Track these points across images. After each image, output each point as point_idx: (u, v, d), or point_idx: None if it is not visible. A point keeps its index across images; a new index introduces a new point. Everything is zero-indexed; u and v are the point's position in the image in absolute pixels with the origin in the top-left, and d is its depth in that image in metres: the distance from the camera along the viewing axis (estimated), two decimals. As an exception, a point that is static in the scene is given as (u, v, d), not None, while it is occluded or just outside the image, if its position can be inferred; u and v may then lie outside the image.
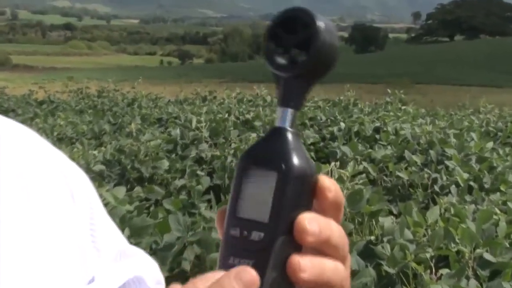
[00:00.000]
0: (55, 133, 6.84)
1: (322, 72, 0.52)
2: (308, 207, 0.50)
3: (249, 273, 0.47)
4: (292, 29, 0.52)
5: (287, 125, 0.51)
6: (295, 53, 0.52)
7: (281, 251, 0.49)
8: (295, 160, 0.50)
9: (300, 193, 0.50)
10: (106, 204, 3.25)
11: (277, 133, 0.51)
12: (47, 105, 10.52)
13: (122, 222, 3.10)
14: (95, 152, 5.23)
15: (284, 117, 0.52)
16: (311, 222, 0.48)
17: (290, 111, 0.52)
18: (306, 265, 0.48)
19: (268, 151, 0.51)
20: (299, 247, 0.49)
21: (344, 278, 0.51)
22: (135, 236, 3.04)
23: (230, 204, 0.51)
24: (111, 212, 3.11)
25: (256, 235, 0.49)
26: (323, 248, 0.49)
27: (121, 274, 0.74)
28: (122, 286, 0.73)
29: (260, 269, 0.48)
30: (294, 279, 0.48)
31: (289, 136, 0.51)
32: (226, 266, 0.49)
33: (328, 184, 0.50)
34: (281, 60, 0.52)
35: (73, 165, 0.74)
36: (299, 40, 0.51)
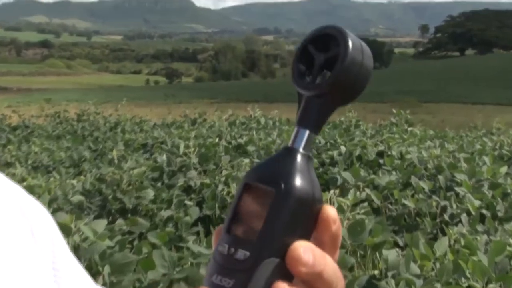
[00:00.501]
0: (30, 161, 6.85)
1: (347, 95, 0.53)
2: (305, 235, 0.50)
3: None
4: (323, 47, 0.53)
5: (300, 147, 0.52)
6: (320, 71, 0.53)
7: (266, 275, 0.49)
8: (297, 182, 0.50)
9: (298, 217, 0.50)
10: (84, 239, 3.26)
11: (286, 153, 0.52)
12: (21, 131, 10.52)
13: (102, 259, 3.10)
14: (74, 181, 5.24)
15: (298, 138, 0.53)
16: (306, 251, 0.48)
17: (306, 132, 0.53)
18: None
19: (271, 169, 0.51)
20: (289, 276, 0.50)
21: None
22: (116, 273, 3.04)
23: (226, 220, 0.52)
24: (90, 247, 3.12)
25: (241, 254, 0.49)
26: (314, 283, 0.49)
27: None
28: None
29: None
30: None
31: (298, 157, 0.52)
32: (208, 283, 0.50)
33: (334, 216, 0.51)
34: (305, 78, 0.54)
35: (32, 200, 0.75)
36: (326, 59, 0.53)
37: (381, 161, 6.79)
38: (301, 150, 0.52)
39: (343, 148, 7.09)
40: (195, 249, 3.64)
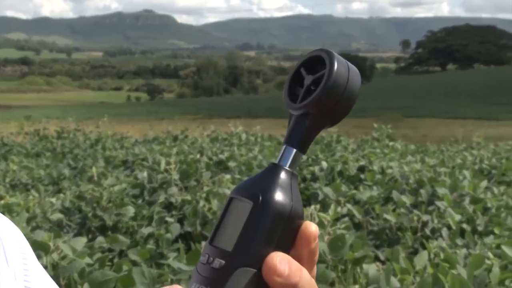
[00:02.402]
0: (8, 179, 6.81)
1: (332, 115, 0.55)
2: (283, 249, 0.52)
3: None
4: (314, 69, 0.56)
5: (285, 163, 0.55)
6: (308, 92, 0.56)
7: (240, 284, 0.51)
8: (276, 196, 0.52)
9: (275, 230, 0.52)
10: (63, 257, 3.25)
11: (271, 169, 0.55)
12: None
13: (81, 277, 3.10)
14: (53, 199, 5.22)
15: (284, 155, 0.55)
16: (281, 262, 0.50)
17: (293, 151, 0.55)
18: None
19: (255, 184, 0.54)
20: (265, 287, 0.51)
21: None
22: (95, 291, 3.04)
23: (211, 233, 0.55)
24: (69, 265, 3.11)
25: (217, 263, 0.52)
26: None
27: None
28: None
29: None
30: None
31: (282, 173, 0.54)
32: None
33: (314, 233, 0.53)
34: (294, 98, 0.57)
35: (5, 221, 0.77)
36: (313, 80, 0.55)
37: (362, 176, 6.84)
38: (286, 166, 0.55)
39: (324, 164, 7.13)
40: (175, 265, 3.64)
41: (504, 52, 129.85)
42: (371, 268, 3.85)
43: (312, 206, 4.50)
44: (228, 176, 6.35)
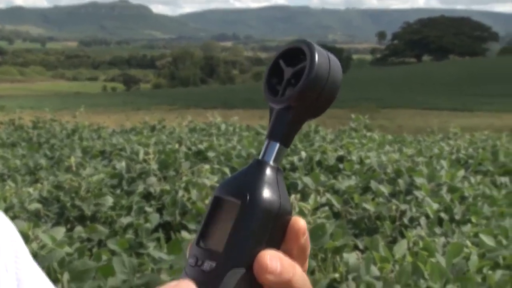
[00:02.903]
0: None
1: (314, 107, 0.54)
2: (273, 246, 0.51)
3: (188, 285, 0.49)
4: (293, 61, 0.55)
5: (269, 159, 0.54)
6: (288, 85, 0.55)
7: (233, 284, 0.50)
8: (264, 193, 0.51)
9: (265, 228, 0.51)
10: (42, 247, 3.22)
11: (255, 165, 0.54)
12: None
13: (61, 266, 3.08)
14: (30, 189, 5.17)
15: (268, 150, 0.54)
16: (272, 259, 0.49)
17: (276, 145, 0.54)
18: None
19: (239, 182, 0.53)
20: (257, 286, 0.51)
21: None
22: (76, 281, 3.02)
23: (196, 233, 0.54)
24: (48, 255, 3.09)
25: (208, 265, 0.51)
26: None
27: None
28: None
29: None
30: None
31: (267, 169, 0.53)
32: None
33: (303, 227, 0.52)
34: (275, 91, 0.55)
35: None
36: (294, 73, 0.54)
37: (341, 166, 6.87)
38: (270, 162, 0.54)
39: (303, 154, 7.15)
40: (155, 255, 3.63)
41: (479, 43, 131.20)
42: (351, 257, 3.87)
43: (293, 196, 4.51)
44: (207, 166, 6.33)
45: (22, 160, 7.11)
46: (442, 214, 5.05)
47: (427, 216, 5.02)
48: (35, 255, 3.21)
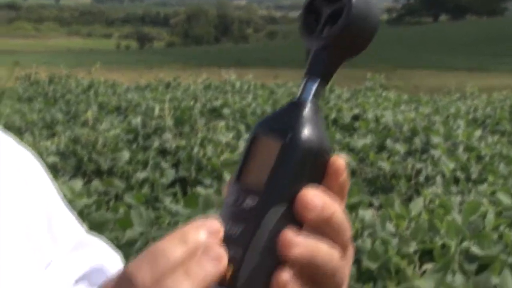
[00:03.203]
0: (1, 123, 6.77)
1: (353, 46, 0.54)
2: (315, 184, 0.51)
3: (214, 222, 0.49)
4: (329, 0, 0.55)
5: (307, 97, 0.54)
6: (327, 24, 0.54)
7: (274, 222, 0.50)
8: (305, 132, 0.51)
9: (305, 167, 0.51)
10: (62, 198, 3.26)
11: (295, 104, 0.53)
12: (-10, 93, 10.36)
13: (80, 217, 3.11)
14: (48, 143, 5.21)
15: (306, 88, 0.54)
16: (314, 197, 0.49)
17: (316, 82, 0.54)
18: (299, 242, 0.48)
19: (280, 120, 0.53)
20: (298, 224, 0.51)
21: (338, 267, 0.51)
22: (95, 230, 3.05)
23: (235, 172, 0.54)
24: (68, 206, 3.12)
25: (249, 202, 0.51)
26: (323, 228, 0.50)
27: (78, 263, 0.76)
28: (83, 275, 0.76)
29: (248, 237, 0.50)
30: (282, 254, 0.49)
31: (307, 107, 0.53)
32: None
33: (342, 166, 0.52)
34: (312, 30, 0.55)
35: (27, 152, 0.76)
36: (333, 11, 0.54)
37: (356, 124, 6.86)
38: (309, 100, 0.54)
39: (318, 111, 7.11)
40: (172, 208, 3.66)
41: (497, 2, 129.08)
42: (367, 214, 3.88)
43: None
44: (222, 123, 6.34)
45: (39, 115, 7.15)
46: (458, 173, 5.04)
47: (443, 175, 5.01)
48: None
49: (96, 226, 3.17)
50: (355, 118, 7.18)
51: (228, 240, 0.50)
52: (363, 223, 3.79)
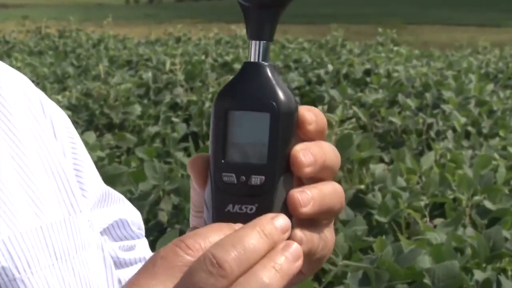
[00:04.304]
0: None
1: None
2: (296, 139, 0.52)
3: (284, 217, 0.49)
4: None
5: (263, 59, 0.53)
6: None
7: (284, 191, 0.51)
8: (283, 97, 0.51)
9: (291, 128, 0.51)
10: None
11: (254, 69, 0.52)
12: (1, 46, 10.32)
13: (94, 170, 3.12)
14: (59, 96, 5.20)
15: (259, 51, 0.53)
16: (305, 154, 0.50)
17: (263, 43, 0.53)
18: (306, 199, 0.50)
19: (252, 91, 0.52)
20: (298, 181, 0.51)
21: (342, 196, 0.53)
22: (109, 183, 3.06)
23: (215, 150, 0.52)
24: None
25: (257, 179, 0.50)
26: (321, 174, 0.51)
27: (107, 214, 0.77)
28: (105, 229, 0.77)
29: (264, 212, 0.50)
30: (297, 216, 0.49)
31: (268, 71, 0.52)
32: (223, 215, 0.51)
33: (309, 117, 0.52)
34: None
35: (52, 103, 0.76)
36: None
37: (368, 79, 6.81)
38: (265, 62, 0.53)
39: (330, 67, 7.07)
40: (185, 161, 3.67)
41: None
42: (378, 168, 3.87)
43: (320, 107, 4.49)
44: (233, 77, 6.30)
45: (50, 68, 7.13)
46: (470, 128, 5.01)
47: (454, 130, 4.98)
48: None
49: (110, 179, 3.19)
50: (367, 73, 7.13)
51: (245, 219, 0.50)
52: (374, 177, 3.79)
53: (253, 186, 0.51)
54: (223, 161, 0.52)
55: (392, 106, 5.74)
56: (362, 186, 4.10)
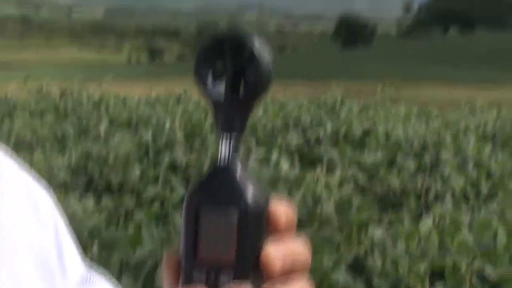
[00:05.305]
0: (13, 137, 6.78)
1: (263, 92, 0.55)
2: (267, 235, 0.51)
3: None
4: (228, 52, 0.54)
5: (233, 156, 0.54)
6: (234, 78, 0.54)
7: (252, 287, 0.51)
8: (252, 195, 0.51)
9: (260, 227, 0.51)
10: (73, 216, 3.26)
11: (225, 167, 0.53)
12: (4, 106, 10.38)
13: (91, 236, 3.11)
14: (59, 158, 5.22)
15: (229, 147, 0.54)
16: (275, 257, 0.50)
17: (234, 135, 0.54)
18: None
19: (222, 187, 0.53)
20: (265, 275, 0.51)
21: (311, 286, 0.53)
22: (105, 250, 3.05)
23: (186, 247, 0.51)
24: (80, 224, 3.13)
25: (225, 278, 0.50)
26: (290, 272, 0.51)
27: None
28: None
29: None
30: None
31: (239, 168, 0.53)
32: None
33: (280, 211, 0.53)
34: (218, 87, 0.54)
35: (36, 179, 0.76)
36: (235, 64, 0.54)
37: (366, 139, 6.83)
38: (236, 160, 0.54)
39: (329, 126, 7.11)
40: (183, 226, 3.65)
41: (506, 16, 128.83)
42: (377, 231, 3.86)
43: (318, 169, 4.51)
44: (233, 138, 6.32)
45: (50, 129, 7.16)
46: (468, 190, 5.00)
47: (453, 192, 4.97)
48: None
49: (107, 244, 3.17)
50: (366, 133, 7.16)
51: None
52: (373, 241, 3.77)
53: (222, 284, 0.50)
54: (195, 258, 0.53)
55: (391, 167, 5.74)
56: (361, 250, 4.07)
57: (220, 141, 0.54)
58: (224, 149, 0.54)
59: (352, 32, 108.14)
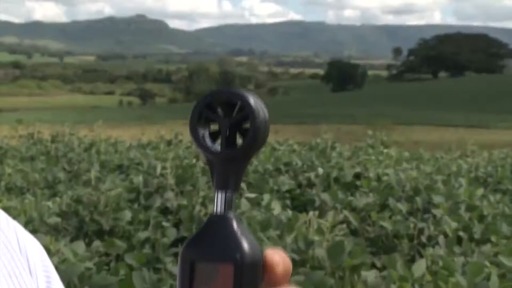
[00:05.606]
0: (3, 183, 6.78)
1: (258, 149, 0.56)
2: (262, 285, 0.54)
3: None
4: (224, 110, 0.55)
5: (228, 210, 0.55)
6: (229, 136, 0.55)
7: None
8: (247, 249, 0.53)
9: (255, 278, 0.53)
10: (63, 260, 3.24)
11: (219, 221, 0.54)
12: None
13: (81, 281, 3.09)
14: (49, 203, 5.20)
15: (224, 202, 0.55)
16: None
17: (229, 195, 0.55)
18: None
19: (217, 243, 0.54)
20: None
21: None
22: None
23: None
24: (69, 269, 3.10)
25: None
26: None
27: None
28: None
29: None
30: None
31: (234, 222, 0.54)
32: None
33: (277, 260, 0.54)
34: (214, 144, 0.55)
35: (28, 235, 0.77)
36: (232, 122, 0.55)
37: (358, 182, 6.86)
38: (231, 214, 0.55)
39: (320, 170, 7.13)
40: (174, 270, 3.63)
41: (495, 60, 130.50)
42: (370, 275, 3.85)
43: (311, 213, 4.51)
44: (224, 182, 6.33)
45: (41, 174, 7.16)
46: (461, 233, 5.01)
47: (446, 235, 4.97)
48: (55, 269, 3.22)
49: (97, 290, 3.14)
50: (357, 176, 7.19)
51: None
52: (366, 285, 3.75)
53: None
54: None
55: (382, 210, 5.75)
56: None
57: (216, 196, 0.55)
58: (219, 203, 0.55)
59: (342, 76, 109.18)
